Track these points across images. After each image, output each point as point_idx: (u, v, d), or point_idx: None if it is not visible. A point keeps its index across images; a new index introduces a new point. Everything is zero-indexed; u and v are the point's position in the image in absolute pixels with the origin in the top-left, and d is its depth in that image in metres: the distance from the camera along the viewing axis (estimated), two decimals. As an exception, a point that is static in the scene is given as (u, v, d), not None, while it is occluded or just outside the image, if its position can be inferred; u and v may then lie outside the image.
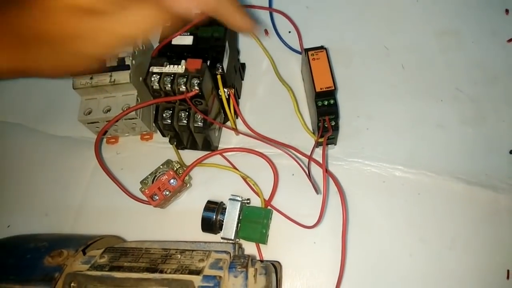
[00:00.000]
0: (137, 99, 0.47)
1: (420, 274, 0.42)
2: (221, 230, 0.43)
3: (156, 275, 0.28)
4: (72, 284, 0.28)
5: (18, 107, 0.57)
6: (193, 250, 0.32)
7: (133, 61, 0.46)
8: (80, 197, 0.49)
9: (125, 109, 0.45)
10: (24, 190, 0.51)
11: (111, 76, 0.45)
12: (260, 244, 0.43)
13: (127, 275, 0.28)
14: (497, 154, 0.47)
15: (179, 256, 0.31)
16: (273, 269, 0.32)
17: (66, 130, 0.54)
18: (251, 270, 0.30)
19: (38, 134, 0.54)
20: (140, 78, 0.47)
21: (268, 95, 0.52)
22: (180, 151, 0.49)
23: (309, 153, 0.45)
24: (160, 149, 0.50)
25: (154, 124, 0.49)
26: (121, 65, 0.45)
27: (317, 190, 0.45)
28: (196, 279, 0.28)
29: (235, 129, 0.49)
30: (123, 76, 0.45)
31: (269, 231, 0.44)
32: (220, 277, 0.28)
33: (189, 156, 0.48)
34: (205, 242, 0.35)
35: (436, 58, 0.53)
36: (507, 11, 0.54)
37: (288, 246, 0.44)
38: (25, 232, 0.43)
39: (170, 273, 0.28)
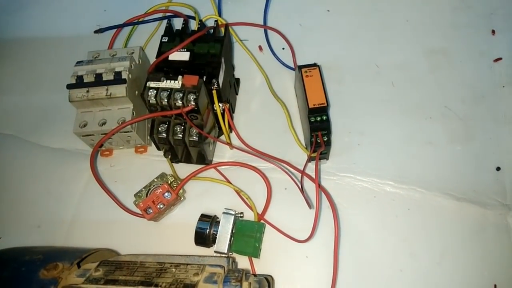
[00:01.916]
0: (133, 113, 0.47)
1: (410, 289, 0.43)
2: (214, 243, 0.43)
3: (152, 289, 0.28)
4: (67, 297, 0.28)
5: (10, 118, 0.57)
6: (187, 264, 0.32)
7: (130, 75, 0.47)
8: (73, 210, 0.49)
9: (120, 123, 0.46)
10: (16, 202, 0.50)
11: (107, 89, 0.46)
12: (252, 258, 0.44)
13: (122, 289, 0.29)
14: (485, 171, 0.48)
15: (173, 270, 0.31)
16: (267, 283, 0.33)
17: (59, 142, 0.54)
18: (245, 284, 0.30)
19: (30, 146, 0.54)
20: (136, 92, 0.48)
21: (262, 110, 0.53)
22: (174, 164, 0.49)
23: (302, 168, 0.46)
24: (154, 162, 0.50)
25: (149, 138, 0.50)
26: (117, 79, 0.46)
27: (309, 205, 0.45)
28: (191, 293, 0.28)
29: (229, 144, 0.49)
30: (119, 90, 0.46)
31: (262, 245, 0.44)
32: (215, 291, 0.28)
33: (183, 169, 0.49)
34: (199, 256, 0.35)
35: (425, 77, 0.54)
36: (493, 31, 0.56)
37: (280, 260, 0.44)
38: (17, 244, 0.43)
39: (165, 287, 0.29)
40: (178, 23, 0.49)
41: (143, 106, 0.45)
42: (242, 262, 0.44)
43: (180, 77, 0.41)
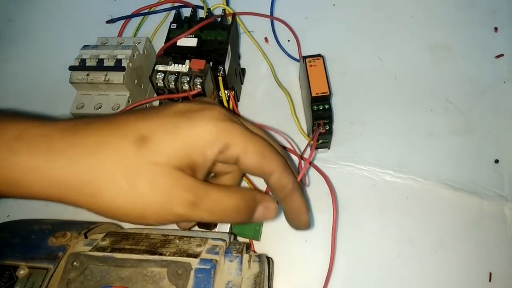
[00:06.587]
0: (128, 101, 0.48)
1: (407, 274, 0.44)
2: (216, 226, 0.44)
3: (156, 257, 0.30)
4: (75, 263, 0.29)
5: (19, 102, 0.58)
6: (191, 237, 0.33)
7: (130, 64, 0.47)
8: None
9: (116, 109, 0.47)
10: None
11: (106, 75, 0.47)
12: (253, 241, 0.45)
13: (128, 256, 0.30)
14: (483, 163, 0.49)
15: (177, 241, 0.32)
16: (266, 259, 0.34)
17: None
18: (245, 256, 0.31)
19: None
20: (135, 81, 0.49)
21: (266, 99, 0.54)
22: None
23: (304, 155, 0.47)
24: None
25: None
26: (117, 66, 0.47)
27: (305, 183, 0.46)
28: (194, 262, 0.29)
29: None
30: (117, 77, 0.46)
31: (262, 228, 0.46)
32: (216, 260, 0.30)
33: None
34: (202, 231, 0.36)
35: (428, 70, 0.55)
36: (496, 29, 0.57)
37: (280, 243, 0.45)
38: (25, 221, 0.44)
39: (169, 255, 0.30)
40: (186, 13, 0.50)
41: (140, 95, 0.46)
42: (243, 244, 0.45)
43: (187, 61, 0.42)
